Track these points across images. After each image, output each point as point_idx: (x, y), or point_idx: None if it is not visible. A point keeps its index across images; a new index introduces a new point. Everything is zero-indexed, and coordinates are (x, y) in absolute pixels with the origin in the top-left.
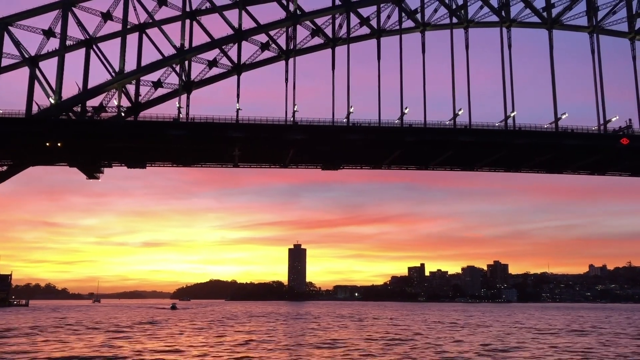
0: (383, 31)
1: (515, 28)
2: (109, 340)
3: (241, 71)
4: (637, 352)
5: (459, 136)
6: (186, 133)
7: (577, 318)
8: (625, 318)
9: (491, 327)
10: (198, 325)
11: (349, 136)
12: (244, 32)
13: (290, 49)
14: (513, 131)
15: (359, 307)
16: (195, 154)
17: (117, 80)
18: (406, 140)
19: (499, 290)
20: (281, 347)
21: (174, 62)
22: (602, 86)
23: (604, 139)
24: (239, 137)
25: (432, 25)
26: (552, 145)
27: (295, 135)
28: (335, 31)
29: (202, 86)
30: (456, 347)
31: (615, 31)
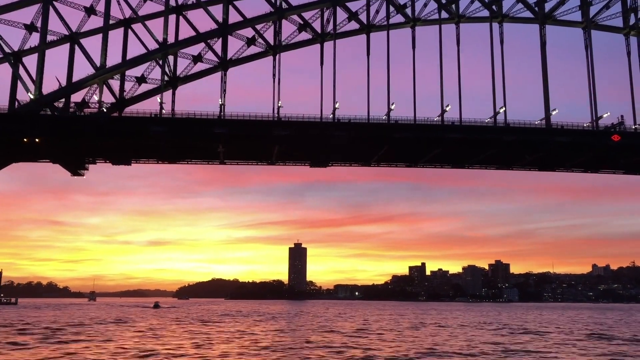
0: (372, 26)
1: (507, 23)
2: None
3: (227, 67)
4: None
5: (448, 133)
6: (167, 129)
7: (546, 317)
8: (603, 318)
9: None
10: (159, 325)
11: (335, 132)
12: (229, 26)
13: (277, 44)
14: (502, 127)
15: (350, 306)
16: (180, 150)
17: (99, 75)
18: (393, 136)
19: (500, 290)
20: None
21: (156, 57)
22: (594, 83)
23: (595, 136)
24: (222, 134)
25: (422, 20)
26: (542, 142)
27: (279, 131)
28: (324, 26)
29: (187, 82)
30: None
31: (610, 26)
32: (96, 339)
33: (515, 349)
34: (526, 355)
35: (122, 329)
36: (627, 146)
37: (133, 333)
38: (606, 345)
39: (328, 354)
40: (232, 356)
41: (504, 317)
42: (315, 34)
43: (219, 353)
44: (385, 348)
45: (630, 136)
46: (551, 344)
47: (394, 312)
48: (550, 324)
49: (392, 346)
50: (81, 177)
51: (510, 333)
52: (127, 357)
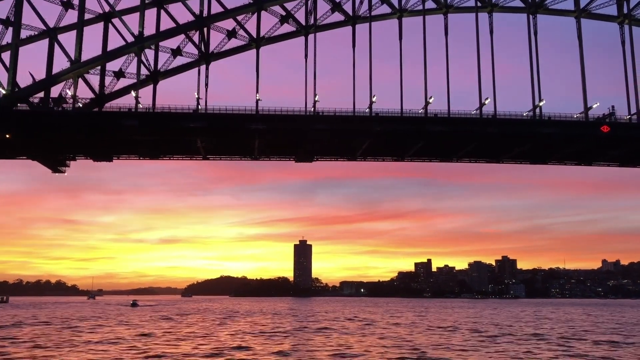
0: (358, 17)
1: (497, 13)
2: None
3: (209, 60)
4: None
5: (431, 125)
6: (140, 123)
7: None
8: (594, 315)
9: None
10: (116, 325)
11: (315, 126)
12: (206, 18)
13: (259, 37)
14: (487, 119)
15: (344, 303)
16: (161, 146)
17: (73, 70)
18: (374, 129)
19: (507, 286)
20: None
21: (133, 51)
22: (583, 73)
23: (584, 127)
24: (197, 128)
25: (409, 11)
26: (529, 134)
27: (257, 125)
28: (308, 18)
29: (169, 76)
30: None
31: (603, 15)
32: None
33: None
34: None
35: (53, 330)
36: (617, 137)
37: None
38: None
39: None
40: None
41: (487, 313)
42: (299, 25)
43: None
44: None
45: (619, 127)
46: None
47: (372, 310)
48: (519, 321)
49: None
50: (62, 174)
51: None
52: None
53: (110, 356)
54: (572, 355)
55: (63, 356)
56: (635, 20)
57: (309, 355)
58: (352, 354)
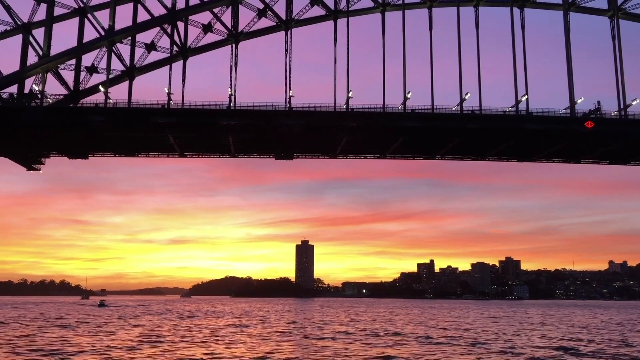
0: (339, 12)
1: (483, 7)
2: None
3: (187, 55)
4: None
5: (407, 121)
6: (107, 119)
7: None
8: (576, 319)
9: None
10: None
11: (287, 121)
12: (180, 11)
13: (239, 32)
14: (467, 115)
15: (337, 304)
16: (136, 143)
17: (41, 65)
18: (349, 125)
19: (510, 287)
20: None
21: (102, 45)
22: (570, 68)
23: (568, 123)
24: (168, 123)
25: (392, 5)
26: (512, 129)
27: (229, 120)
28: (288, 12)
29: (146, 72)
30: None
31: (592, 8)
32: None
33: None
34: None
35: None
36: (601, 133)
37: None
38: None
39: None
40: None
41: (472, 314)
42: (279, 20)
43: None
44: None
45: (604, 122)
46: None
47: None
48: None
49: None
50: (37, 171)
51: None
52: None
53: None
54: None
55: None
56: (627, 14)
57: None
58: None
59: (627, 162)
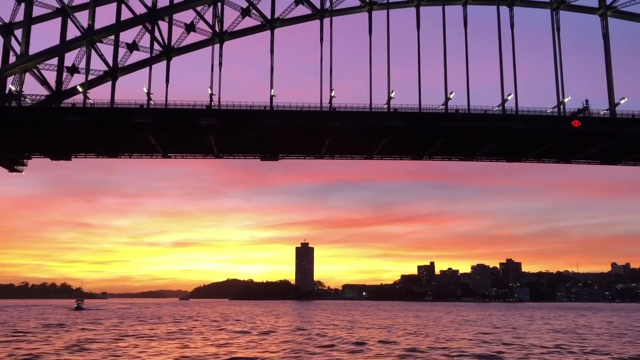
0: (325, 11)
1: (472, 5)
2: None
3: (171, 55)
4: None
5: (391, 121)
6: (85, 119)
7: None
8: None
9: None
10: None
11: (268, 121)
12: (159, 11)
13: (223, 31)
14: (451, 114)
15: (323, 307)
16: (120, 144)
17: (18, 65)
18: (332, 125)
19: (511, 289)
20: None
21: (81, 45)
22: (557, 67)
23: (554, 122)
24: (145, 123)
25: (378, 4)
26: (497, 129)
27: (209, 120)
28: (273, 11)
29: (129, 72)
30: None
31: (583, 7)
32: None
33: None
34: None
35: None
36: (589, 132)
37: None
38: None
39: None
40: None
41: (451, 316)
42: (264, 19)
43: None
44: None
45: (591, 121)
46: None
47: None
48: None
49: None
50: (20, 172)
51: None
52: None
53: None
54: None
55: None
56: (618, 12)
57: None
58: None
59: (619, 162)
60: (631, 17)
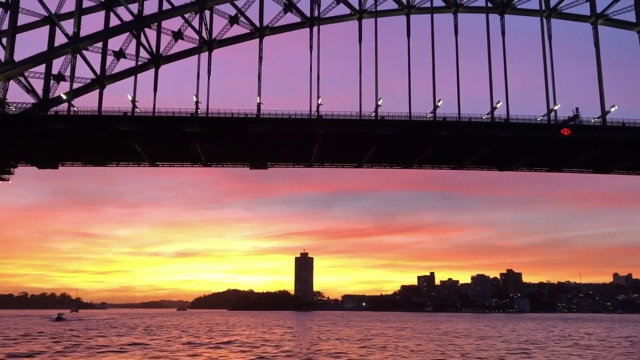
0: (315, 19)
1: (462, 14)
2: None
3: (159, 63)
4: None
5: (378, 129)
6: (68, 126)
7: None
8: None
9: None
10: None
11: (254, 129)
12: (146, 18)
13: (212, 39)
14: (439, 122)
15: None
16: (108, 152)
17: (2, 72)
18: (319, 132)
19: (511, 300)
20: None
21: (66, 52)
22: (547, 75)
23: (544, 130)
24: (129, 131)
25: (369, 12)
26: (486, 137)
27: (195, 128)
28: (262, 19)
29: (117, 80)
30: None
31: (575, 15)
32: None
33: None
34: None
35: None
36: (579, 140)
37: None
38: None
39: None
40: None
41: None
42: (254, 27)
43: None
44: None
45: (581, 129)
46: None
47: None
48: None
49: None
50: (6, 182)
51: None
52: None
53: None
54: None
55: None
56: (609, 20)
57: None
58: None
59: (611, 170)
60: (623, 25)
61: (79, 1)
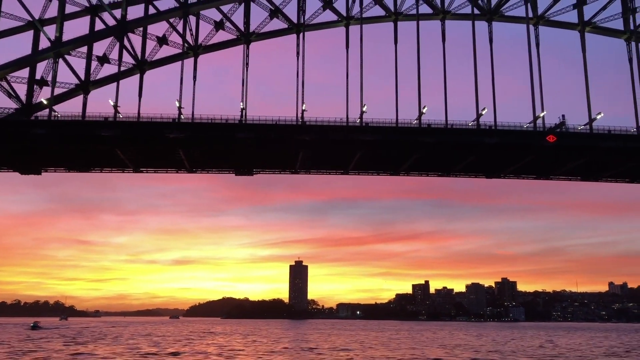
0: (302, 25)
1: (450, 21)
2: None
3: (144, 69)
4: None
5: (362, 135)
6: (49, 132)
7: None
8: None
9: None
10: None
11: (238, 134)
12: (128, 23)
13: (198, 45)
14: (423, 129)
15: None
16: (91, 158)
17: None
18: (302, 139)
19: (506, 309)
20: None
21: (48, 57)
22: (539, 81)
23: (529, 137)
24: (110, 136)
25: (355, 19)
26: (472, 143)
27: (176, 133)
28: (249, 25)
29: (101, 85)
30: None
31: (563, 22)
32: None
33: None
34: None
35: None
36: (565, 147)
37: None
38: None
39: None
40: None
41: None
42: (240, 33)
43: None
44: None
45: (567, 136)
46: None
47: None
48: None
49: None
50: None
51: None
52: None
53: None
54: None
55: None
56: (597, 27)
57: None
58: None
59: (600, 178)
60: (610, 33)
61: (62, 5)
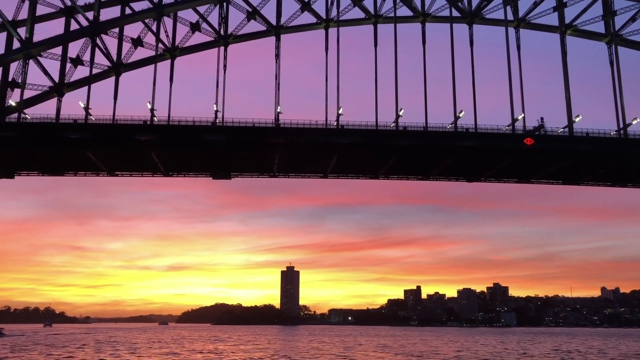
0: (282, 28)
1: (431, 23)
2: None
3: (120, 71)
4: None
5: (338, 138)
6: (16, 135)
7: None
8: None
9: None
10: None
11: (210, 137)
12: (101, 24)
13: (175, 46)
14: (400, 132)
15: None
16: (64, 161)
17: None
18: (276, 141)
19: (498, 314)
20: None
21: (17, 58)
22: (520, 84)
23: (506, 140)
24: (79, 139)
25: (334, 22)
26: (448, 147)
27: (148, 135)
28: (225, 26)
29: (76, 88)
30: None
31: (542, 25)
32: None
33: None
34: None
35: None
36: (544, 150)
37: None
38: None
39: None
40: None
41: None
42: (218, 35)
43: None
44: None
45: (545, 139)
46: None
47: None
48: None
49: None
50: None
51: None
52: None
53: None
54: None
55: None
56: (578, 30)
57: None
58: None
59: (580, 181)
60: (591, 36)
61: (32, 6)
